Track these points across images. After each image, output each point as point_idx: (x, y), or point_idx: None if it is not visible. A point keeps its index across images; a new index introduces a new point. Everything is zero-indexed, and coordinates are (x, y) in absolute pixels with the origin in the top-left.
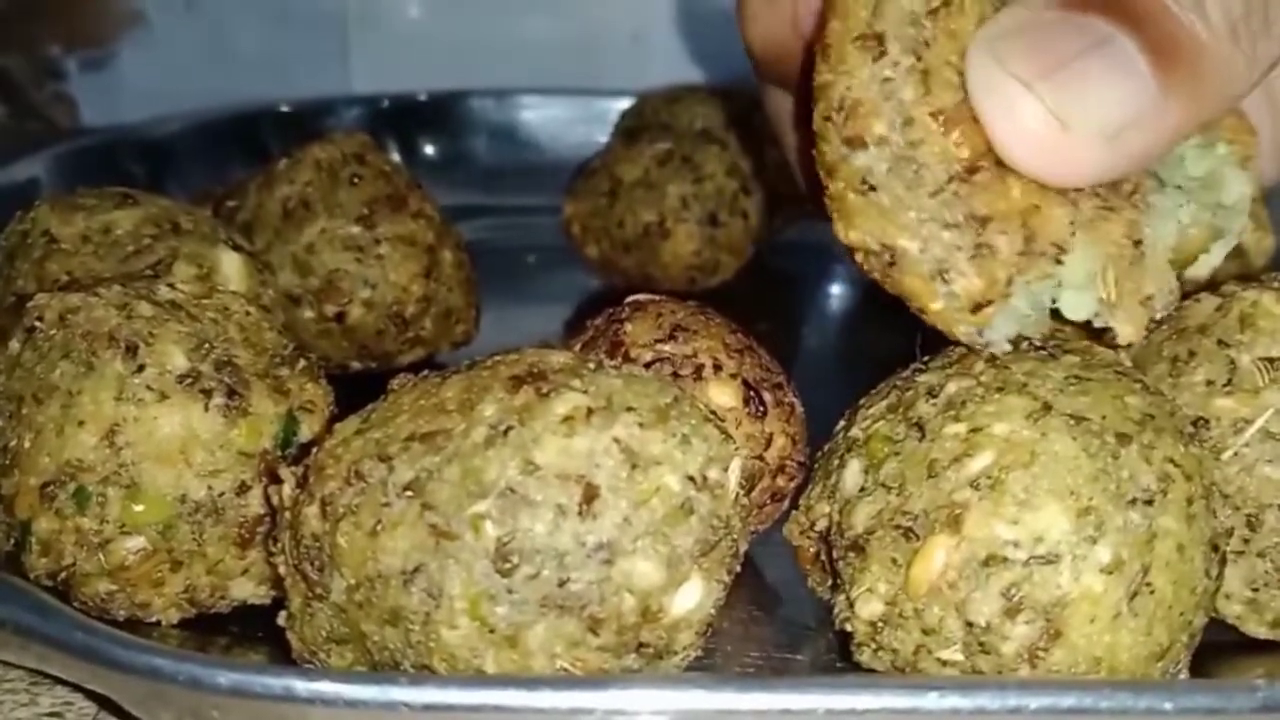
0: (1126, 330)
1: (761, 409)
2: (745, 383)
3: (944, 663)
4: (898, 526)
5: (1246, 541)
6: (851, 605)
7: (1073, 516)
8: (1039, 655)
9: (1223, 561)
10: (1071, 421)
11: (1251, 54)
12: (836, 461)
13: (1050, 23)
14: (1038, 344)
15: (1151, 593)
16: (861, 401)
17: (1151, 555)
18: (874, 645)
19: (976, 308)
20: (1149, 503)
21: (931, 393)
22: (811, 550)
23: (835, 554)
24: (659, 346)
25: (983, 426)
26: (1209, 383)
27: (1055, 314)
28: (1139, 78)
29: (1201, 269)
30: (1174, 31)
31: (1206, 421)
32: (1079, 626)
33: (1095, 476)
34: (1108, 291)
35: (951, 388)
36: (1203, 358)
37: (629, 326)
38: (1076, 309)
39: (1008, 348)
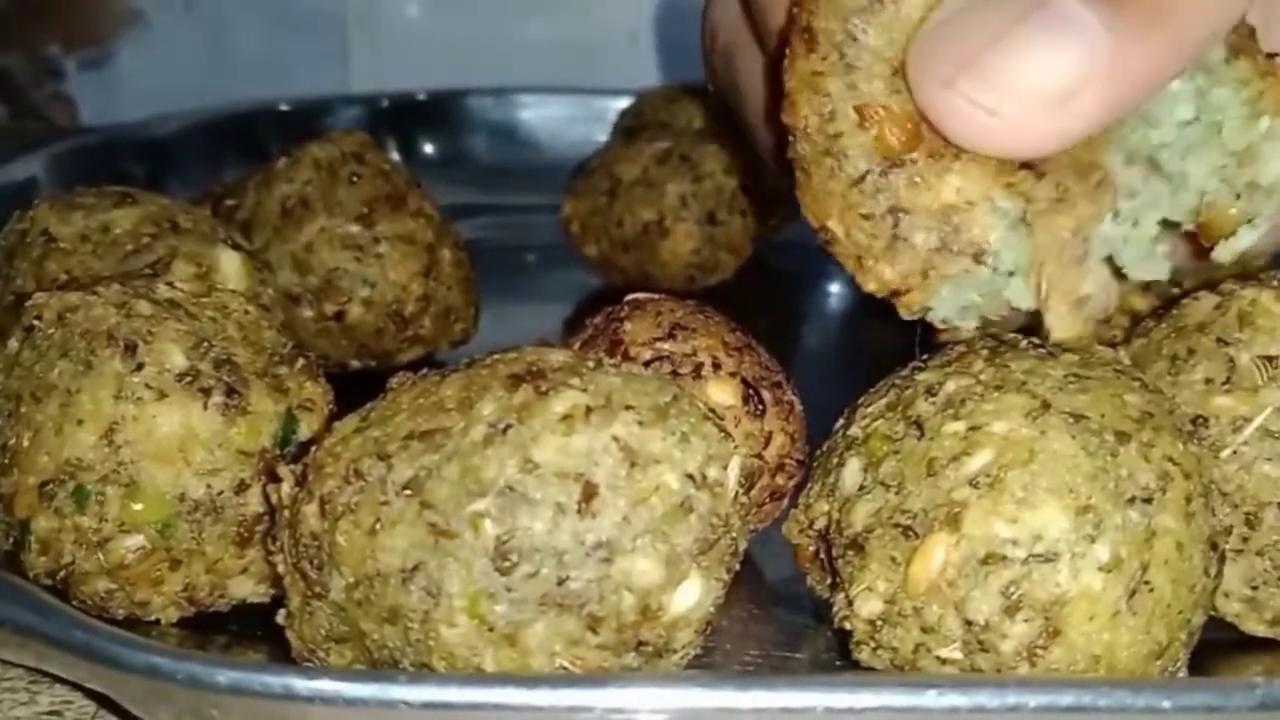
0: (1056, 328)
1: (760, 407)
2: (744, 381)
3: (943, 661)
4: (897, 525)
5: (1245, 540)
6: (851, 604)
7: (1071, 515)
8: (1038, 653)
9: (1222, 560)
10: (1070, 419)
11: None
12: (836, 460)
13: (975, 5)
14: (1037, 342)
15: (1150, 591)
16: (861, 400)
17: (1150, 553)
18: (873, 643)
19: (896, 294)
20: (1148, 501)
21: (930, 391)
22: (810, 549)
23: (834, 552)
24: (658, 345)
25: (981, 425)
26: (1208, 381)
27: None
28: (1081, 31)
29: (1224, 253)
30: None
31: (1205, 420)
32: (1078, 625)
33: (1094, 475)
34: (1039, 287)
35: (950, 386)
36: (1201, 356)
37: (628, 325)
38: (1020, 297)
39: (972, 326)
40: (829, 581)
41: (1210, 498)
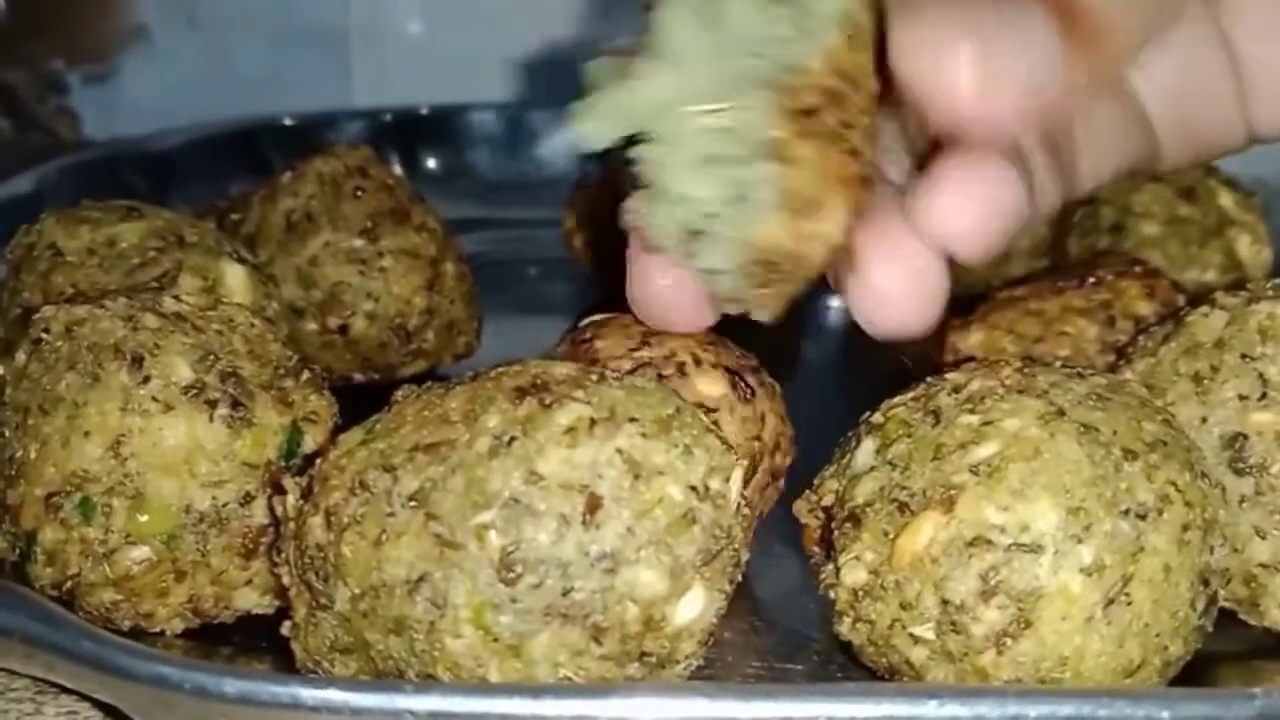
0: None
1: (750, 391)
2: (728, 370)
3: (915, 639)
4: (895, 500)
5: None
6: (838, 572)
7: (1062, 512)
8: (1006, 642)
9: (1213, 601)
10: (1082, 429)
11: None
12: (854, 442)
13: None
14: (1072, 365)
15: (1129, 605)
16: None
17: (1135, 567)
18: (853, 615)
19: None
20: (1142, 517)
21: (956, 389)
22: (818, 532)
23: (834, 525)
24: (635, 354)
25: (995, 420)
26: (1242, 398)
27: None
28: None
29: None
30: None
31: (1246, 436)
32: (1050, 621)
33: (1093, 481)
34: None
35: (975, 385)
36: (1228, 373)
37: (599, 343)
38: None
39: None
40: (825, 555)
41: (1211, 535)
